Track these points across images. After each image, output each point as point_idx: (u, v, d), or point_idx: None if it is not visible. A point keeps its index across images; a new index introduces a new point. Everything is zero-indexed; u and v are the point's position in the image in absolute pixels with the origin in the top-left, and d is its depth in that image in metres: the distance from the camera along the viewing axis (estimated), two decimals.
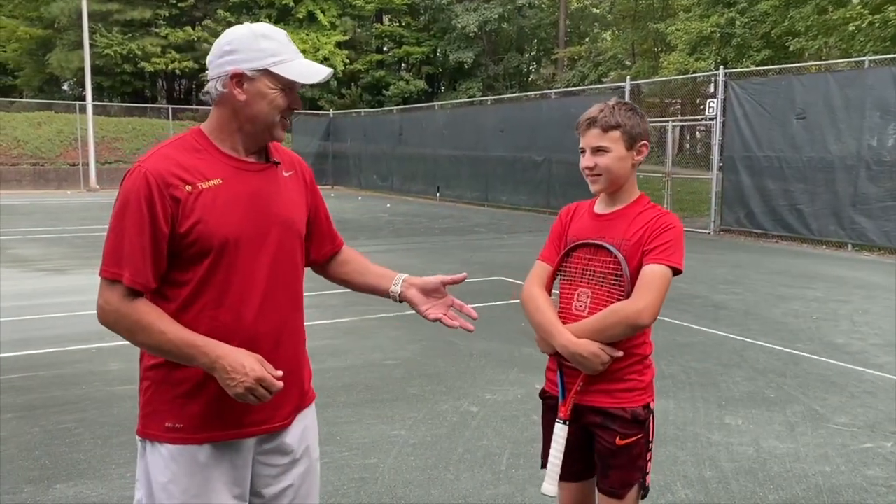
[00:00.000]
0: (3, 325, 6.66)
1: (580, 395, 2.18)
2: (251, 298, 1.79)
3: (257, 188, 1.83)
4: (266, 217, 1.83)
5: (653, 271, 2.09)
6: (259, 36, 1.77)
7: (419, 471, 3.72)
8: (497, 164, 20.61)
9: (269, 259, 1.83)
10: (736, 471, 3.75)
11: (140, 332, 1.69)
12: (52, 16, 32.55)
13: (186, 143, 1.80)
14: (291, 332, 1.91)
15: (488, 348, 5.99)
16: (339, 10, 34.51)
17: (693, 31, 22.10)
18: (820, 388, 5.10)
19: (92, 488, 3.51)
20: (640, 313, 2.05)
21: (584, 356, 2.10)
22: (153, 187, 1.70)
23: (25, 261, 10.42)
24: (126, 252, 1.70)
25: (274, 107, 1.78)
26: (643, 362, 2.21)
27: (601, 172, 2.18)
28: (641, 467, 2.20)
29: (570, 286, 2.24)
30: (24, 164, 27.26)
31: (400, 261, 10.77)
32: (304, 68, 1.79)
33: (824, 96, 12.74)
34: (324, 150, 29.74)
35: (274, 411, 1.86)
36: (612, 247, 2.16)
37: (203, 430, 1.78)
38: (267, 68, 1.75)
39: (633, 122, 2.17)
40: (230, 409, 1.79)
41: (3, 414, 4.45)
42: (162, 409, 1.79)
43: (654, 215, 2.17)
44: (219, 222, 1.74)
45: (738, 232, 14.35)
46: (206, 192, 1.74)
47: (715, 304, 7.87)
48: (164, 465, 1.79)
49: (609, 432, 2.17)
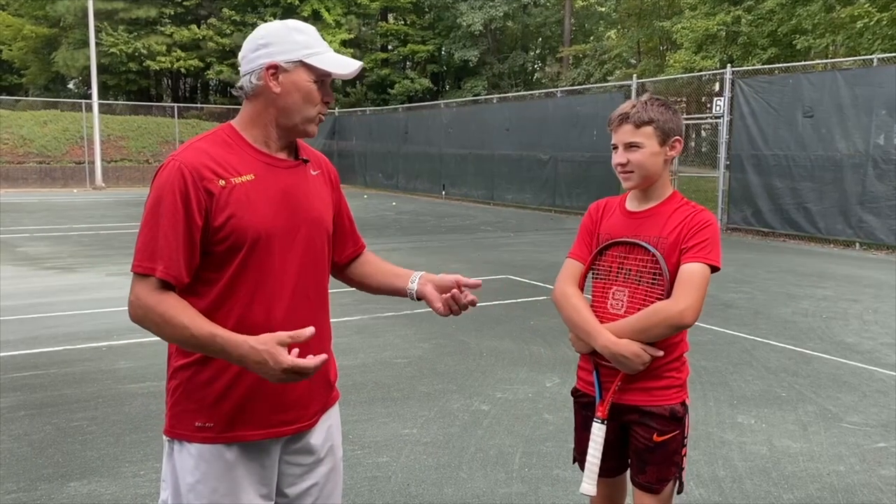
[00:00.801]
0: (13, 323, 6.67)
1: (618, 394, 2.17)
2: (281, 296, 1.79)
3: (288, 185, 1.83)
4: (296, 214, 1.82)
5: (692, 270, 2.07)
6: (293, 29, 1.78)
7: (432, 469, 3.72)
8: (503, 162, 20.60)
9: (299, 256, 1.83)
10: (750, 470, 3.74)
11: (166, 326, 1.67)
12: (58, 14, 32.59)
13: (219, 139, 1.80)
14: (319, 330, 1.90)
15: (498, 347, 5.99)
16: (345, 9, 34.50)
17: (699, 29, 22.03)
18: (832, 387, 5.08)
19: (105, 486, 3.52)
20: (683, 313, 2.04)
21: (626, 356, 2.09)
22: (188, 180, 1.69)
23: (33, 259, 10.45)
24: (160, 245, 1.68)
25: (308, 99, 1.78)
26: (680, 360, 2.20)
27: (634, 169, 2.15)
28: (678, 463, 2.19)
29: (605, 285, 2.22)
30: (30, 163, 27.33)
31: (406, 259, 10.77)
32: (337, 60, 1.80)
33: (832, 94, 12.71)
34: (329, 149, 29.73)
35: (302, 411, 1.86)
36: (648, 245, 2.14)
37: (232, 430, 1.78)
38: (302, 60, 1.75)
39: (667, 117, 2.15)
40: (259, 410, 1.79)
41: (16, 412, 4.46)
42: (191, 408, 1.78)
43: (690, 212, 2.15)
44: (252, 218, 1.73)
45: (745, 230, 14.32)
46: (239, 187, 1.74)
47: (724, 302, 7.85)
48: (193, 465, 1.78)
49: (647, 429, 2.16)
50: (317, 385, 1.89)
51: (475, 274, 9.36)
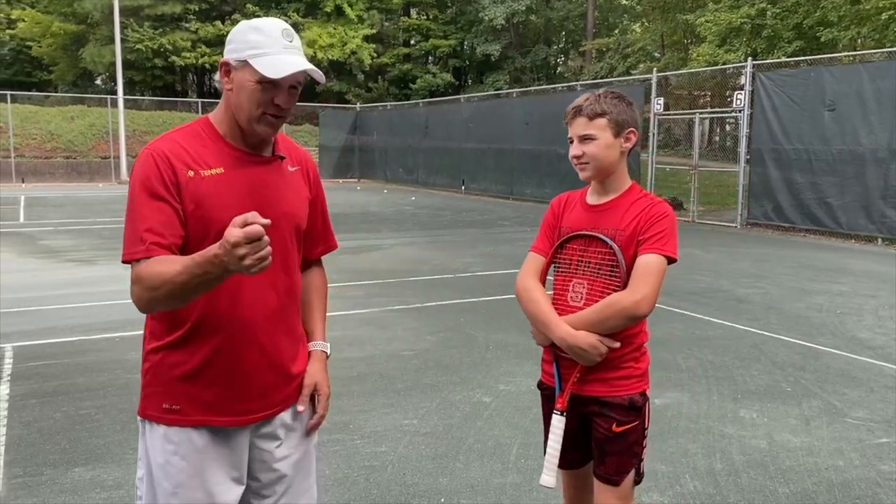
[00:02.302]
0: (32, 313, 6.82)
1: (578, 386, 2.19)
2: (246, 287, 1.82)
3: (258, 180, 1.86)
4: (264, 208, 1.82)
5: (648, 261, 2.08)
6: (251, 28, 1.80)
7: (429, 459, 3.75)
8: (522, 157, 20.55)
9: None
10: (747, 464, 3.72)
11: (158, 286, 1.63)
12: (86, 11, 33.11)
13: (193, 131, 1.85)
14: (287, 322, 1.94)
15: (505, 340, 6.01)
16: (367, 4, 34.61)
17: (723, 22, 21.78)
18: (839, 382, 5.04)
19: (109, 472, 3.60)
20: (638, 304, 2.05)
21: (582, 348, 2.11)
22: (159, 165, 1.74)
23: (55, 252, 10.64)
24: (136, 227, 1.71)
25: (252, 100, 1.78)
26: (639, 350, 2.21)
27: (589, 160, 2.18)
28: (637, 454, 2.21)
29: (565, 278, 2.24)
30: (57, 158, 27.81)
31: (422, 253, 10.82)
32: (275, 62, 1.75)
33: (855, 88, 12.51)
34: (350, 144, 29.89)
35: (267, 398, 1.89)
36: (606, 237, 2.16)
37: (198, 414, 1.82)
38: (246, 59, 1.77)
39: (620, 108, 2.17)
40: (223, 397, 1.83)
41: (28, 400, 4.57)
42: (160, 390, 1.84)
43: (647, 204, 2.17)
44: (217, 210, 1.77)
45: (765, 225, 14.16)
46: (208, 179, 1.78)
47: (737, 298, 7.79)
48: (161, 445, 1.83)
49: (606, 419, 2.18)
50: (283, 375, 1.92)
51: (487, 268, 9.44)
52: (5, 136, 26.86)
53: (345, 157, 29.80)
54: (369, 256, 10.50)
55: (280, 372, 1.91)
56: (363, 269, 9.28)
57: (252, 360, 1.84)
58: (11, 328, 6.25)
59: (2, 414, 4.33)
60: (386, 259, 10.31)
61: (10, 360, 5.36)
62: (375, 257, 10.48)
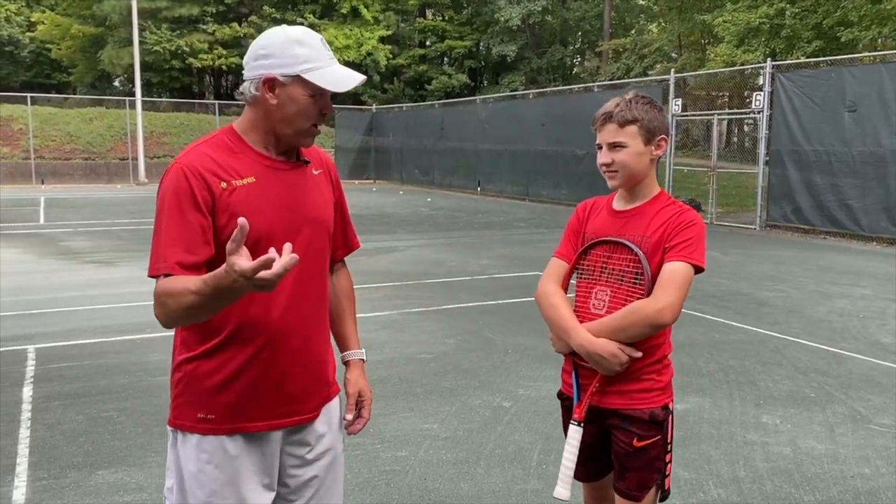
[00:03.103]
0: (52, 315, 6.88)
1: (598, 397, 2.13)
2: (280, 295, 1.81)
3: (288, 186, 1.86)
4: (297, 215, 1.86)
5: (674, 269, 2.03)
6: (294, 41, 1.78)
7: (449, 465, 3.75)
8: (538, 158, 20.51)
9: (301, 255, 1.85)
10: (771, 471, 3.69)
11: (174, 302, 1.64)
12: (104, 13, 33.37)
13: (220, 142, 1.84)
14: (318, 327, 1.95)
15: (524, 343, 5.99)
16: (383, 5, 34.67)
17: (741, 22, 21.63)
18: (863, 388, 4.98)
19: (132, 475, 3.61)
20: (661, 312, 2.00)
21: (602, 356, 2.05)
22: (191, 181, 1.73)
23: (75, 253, 10.74)
24: (164, 245, 1.71)
25: (304, 113, 1.80)
26: (662, 362, 2.15)
27: (618, 168, 2.13)
28: (659, 469, 2.15)
29: (588, 284, 2.19)
30: (76, 159, 28.07)
31: (437, 255, 10.82)
32: (335, 75, 1.79)
33: (877, 88, 12.38)
34: (366, 145, 29.94)
35: (302, 405, 1.90)
36: (632, 244, 2.11)
37: (233, 421, 1.83)
38: (299, 74, 1.76)
39: (651, 115, 2.11)
40: (259, 402, 1.84)
41: (51, 402, 4.60)
42: (193, 400, 1.83)
43: (675, 212, 2.11)
44: (253, 220, 1.73)
45: (784, 227, 14.04)
46: (240, 189, 1.78)
47: (758, 301, 7.73)
48: (195, 455, 1.83)
49: (626, 434, 2.12)
50: (316, 379, 1.94)
51: (505, 270, 9.42)
52: (25, 138, 27.16)
53: (361, 158, 29.85)
54: (386, 258, 10.51)
55: (314, 376, 1.92)
56: (380, 270, 9.28)
57: (286, 365, 1.85)
58: (34, 330, 6.30)
59: (25, 416, 4.37)
60: (402, 261, 10.31)
61: (33, 362, 5.41)
62: (392, 259, 10.49)
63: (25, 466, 3.69)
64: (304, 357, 1.88)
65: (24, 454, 3.84)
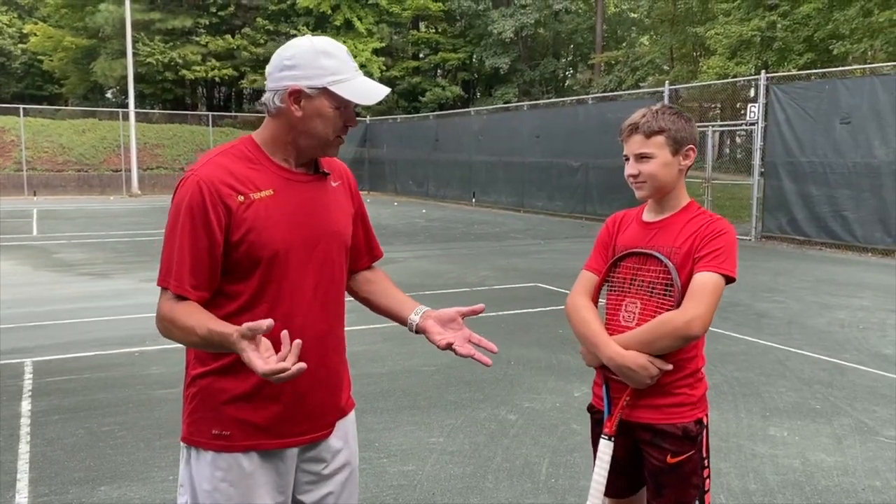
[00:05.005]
0: (49, 328, 6.80)
1: (628, 411, 2.10)
2: (299, 309, 1.79)
3: (307, 199, 1.83)
4: (315, 228, 1.83)
5: (703, 279, 2.00)
6: (320, 53, 1.75)
7: (457, 479, 3.70)
8: (533, 169, 20.54)
9: (317, 270, 1.83)
10: (782, 484, 3.66)
11: (178, 332, 1.70)
12: (97, 25, 33.33)
13: (238, 153, 1.80)
14: (335, 342, 1.92)
15: (526, 355, 5.95)
16: (376, 18, 34.76)
17: (733, 34, 21.80)
18: (868, 399, 4.96)
19: (135, 491, 3.56)
20: (690, 323, 1.96)
21: (631, 369, 2.02)
22: (206, 195, 1.70)
23: (70, 265, 10.65)
24: (175, 260, 1.72)
25: (330, 125, 1.78)
26: (695, 375, 2.11)
27: (646, 179, 2.10)
28: (697, 485, 2.10)
29: (618, 297, 2.17)
30: (68, 171, 27.95)
31: (435, 266, 10.79)
32: (362, 88, 1.78)
33: (870, 100, 12.46)
34: (360, 156, 29.93)
35: (318, 421, 1.87)
36: (662, 255, 2.08)
37: (248, 438, 1.79)
38: (326, 87, 1.73)
39: (679, 125, 2.09)
40: (274, 419, 1.80)
41: (50, 416, 4.54)
42: (208, 416, 1.80)
43: (705, 221, 2.09)
44: (270, 233, 1.74)
45: (780, 238, 14.08)
46: (258, 202, 1.74)
47: (757, 312, 7.72)
48: (209, 471, 1.80)
49: (659, 450, 2.08)
50: (332, 395, 1.91)
51: (503, 281, 9.40)
52: (17, 150, 27.02)
53: (354, 169, 29.41)
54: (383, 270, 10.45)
55: (329, 393, 1.89)
56: None
57: (302, 384, 1.80)
58: (30, 343, 6.23)
59: (24, 430, 4.30)
60: (400, 272, 10.27)
61: (31, 376, 5.34)
62: (389, 271, 10.30)
63: (26, 482, 3.63)
64: (320, 375, 1.85)
65: (25, 470, 3.77)
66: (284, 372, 1.51)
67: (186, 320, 1.68)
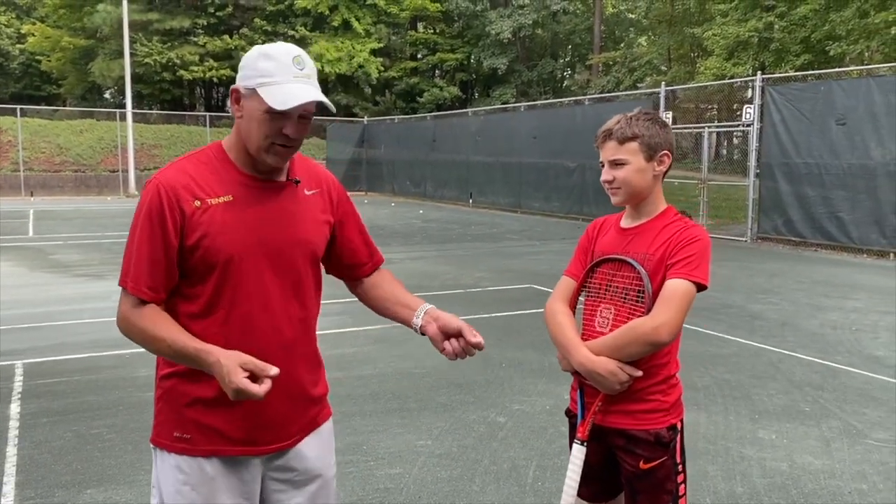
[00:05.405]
0: (42, 329, 6.80)
1: (601, 416, 2.11)
2: (259, 317, 1.79)
3: (269, 207, 1.81)
4: (275, 236, 1.81)
5: (674, 286, 2.01)
6: (261, 55, 1.74)
7: (444, 482, 3.70)
8: (530, 170, 20.55)
9: (279, 278, 1.82)
10: (768, 487, 3.66)
11: (146, 340, 1.74)
12: (95, 25, 33.30)
13: (205, 157, 1.82)
14: (302, 351, 1.89)
15: (519, 357, 5.95)
16: (374, 18, 34.76)
17: (730, 35, 21.82)
18: (858, 402, 4.97)
19: (121, 494, 3.56)
20: (658, 330, 1.96)
21: (601, 374, 2.02)
22: (164, 199, 1.73)
23: (65, 266, 10.64)
24: (133, 262, 1.75)
25: (260, 130, 1.73)
26: (668, 382, 2.11)
27: (620, 185, 2.11)
28: (671, 491, 2.11)
29: (594, 302, 2.18)
30: (66, 171, 27.94)
31: (431, 268, 10.79)
32: (281, 92, 1.69)
33: (866, 101, 12.46)
34: (357, 157, 29.94)
35: (280, 430, 1.85)
36: (635, 262, 2.09)
37: (209, 444, 1.80)
38: (255, 88, 1.72)
39: (653, 131, 2.09)
40: (236, 426, 1.80)
41: (39, 418, 4.53)
42: (171, 418, 1.81)
43: (679, 228, 2.09)
44: (225, 239, 1.75)
45: (775, 240, 14.08)
46: (215, 208, 1.75)
47: (751, 314, 7.72)
48: (172, 475, 1.81)
49: (632, 456, 2.09)
50: (299, 406, 1.89)
51: (498, 283, 9.40)
52: (14, 150, 27.02)
53: (352, 170, 29.82)
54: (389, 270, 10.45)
55: (294, 404, 1.87)
56: None
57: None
58: (22, 345, 6.23)
59: (13, 433, 4.30)
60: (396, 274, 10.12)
61: (21, 378, 5.34)
62: None
63: (13, 486, 3.63)
64: (283, 385, 1.81)
65: (12, 473, 3.77)
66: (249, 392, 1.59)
67: (156, 330, 1.72)
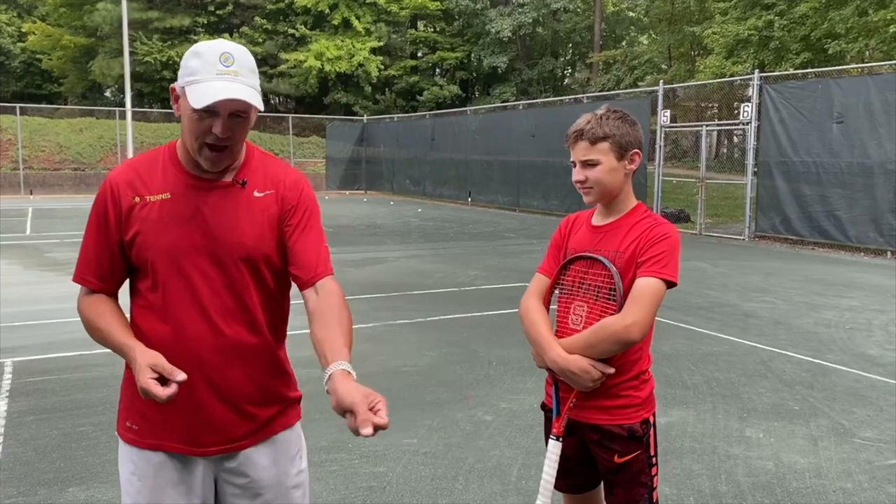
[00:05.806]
0: (33, 327, 6.80)
1: (576, 411, 2.13)
2: (191, 317, 1.77)
3: (208, 206, 1.77)
4: (209, 236, 1.77)
5: (644, 285, 2.01)
6: (192, 53, 1.72)
7: (427, 480, 3.69)
8: (529, 169, 20.52)
9: (214, 279, 1.78)
10: (753, 486, 3.64)
11: (90, 329, 1.83)
12: (95, 24, 33.38)
13: (154, 156, 1.86)
14: (248, 356, 1.83)
15: (509, 356, 5.94)
16: (374, 17, 34.76)
17: (730, 34, 21.79)
18: (848, 401, 4.95)
19: (104, 492, 3.55)
20: (629, 329, 1.98)
21: (574, 372, 2.04)
22: (108, 194, 1.80)
23: (60, 264, 10.63)
24: (81, 253, 1.85)
25: (190, 129, 1.72)
26: (640, 377, 2.13)
27: (592, 185, 2.12)
28: (645, 483, 2.13)
29: (568, 299, 2.19)
30: (65, 170, 27.97)
31: (427, 266, 10.78)
32: (201, 91, 1.65)
33: (864, 100, 12.44)
34: (357, 156, 29.95)
35: (220, 435, 1.83)
36: (606, 260, 2.10)
37: (153, 437, 1.81)
38: (184, 87, 1.71)
39: (623, 131, 2.10)
40: (174, 426, 1.80)
41: (25, 416, 4.53)
42: (125, 406, 1.87)
43: (648, 225, 2.10)
44: (158, 236, 1.76)
45: (773, 238, 14.06)
46: (152, 205, 1.77)
47: (744, 312, 7.71)
48: (125, 463, 1.86)
49: (607, 450, 2.12)
50: (242, 412, 1.84)
51: (493, 281, 9.39)
52: (14, 149, 27.05)
53: (351, 168, 29.85)
54: (374, 269, 10.46)
55: (236, 409, 1.83)
56: (367, 282, 9.23)
57: (201, 394, 1.78)
58: (13, 343, 6.22)
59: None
60: (390, 272, 10.26)
61: (10, 376, 5.33)
62: (379, 270, 10.44)
63: None
64: (222, 388, 1.80)
65: None
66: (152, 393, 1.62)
67: (97, 320, 1.79)
